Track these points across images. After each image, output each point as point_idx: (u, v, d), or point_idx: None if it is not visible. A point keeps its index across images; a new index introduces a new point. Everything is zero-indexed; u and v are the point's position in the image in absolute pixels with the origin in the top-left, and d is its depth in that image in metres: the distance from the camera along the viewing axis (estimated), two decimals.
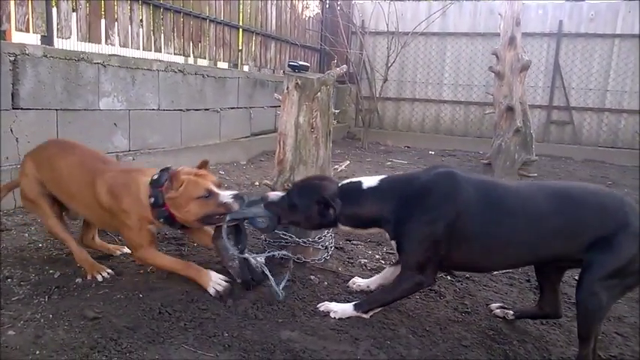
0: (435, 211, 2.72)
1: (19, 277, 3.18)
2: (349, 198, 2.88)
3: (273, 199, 2.99)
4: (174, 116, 6.83)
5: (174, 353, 2.43)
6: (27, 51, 4.67)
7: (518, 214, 2.68)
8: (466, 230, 2.70)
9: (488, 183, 2.86)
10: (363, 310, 2.95)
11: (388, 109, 12.67)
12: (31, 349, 2.39)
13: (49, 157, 3.40)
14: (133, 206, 3.10)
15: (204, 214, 3.00)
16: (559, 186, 2.86)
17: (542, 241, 2.66)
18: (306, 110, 3.49)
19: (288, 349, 2.53)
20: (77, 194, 3.29)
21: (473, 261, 2.85)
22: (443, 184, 2.78)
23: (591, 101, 11.20)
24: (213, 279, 3.08)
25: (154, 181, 3.07)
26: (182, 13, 7.23)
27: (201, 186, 3.00)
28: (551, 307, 2.98)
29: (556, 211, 2.64)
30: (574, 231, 2.61)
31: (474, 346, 2.74)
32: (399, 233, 2.82)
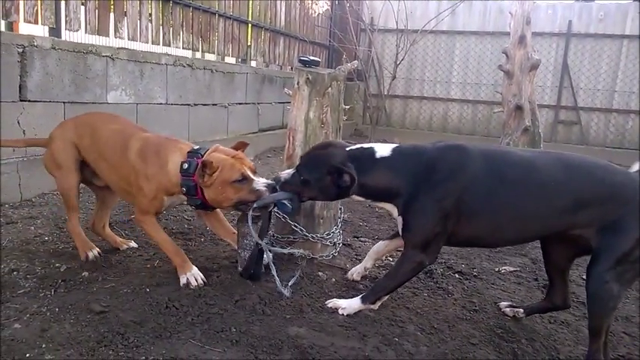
0: (443, 187, 2.67)
1: (25, 270, 3.17)
2: (362, 165, 2.76)
3: (286, 178, 2.91)
4: (182, 111, 6.81)
5: (181, 348, 2.41)
6: (35, 43, 4.65)
7: (527, 183, 2.64)
8: (475, 203, 2.66)
9: (498, 153, 2.81)
10: (371, 301, 2.93)
11: (396, 106, 12.64)
12: (37, 342, 2.38)
13: (91, 123, 3.42)
14: (156, 175, 3.09)
15: (238, 200, 2.98)
16: (572, 156, 2.79)
17: (551, 211, 2.62)
18: (316, 106, 3.46)
19: (296, 346, 2.51)
20: (109, 156, 3.28)
21: (481, 235, 2.81)
22: (451, 158, 2.72)
23: (599, 102, 11.15)
24: (192, 271, 3.09)
25: (184, 170, 3.01)
26: (191, 7, 7.20)
27: (237, 169, 2.97)
28: (560, 298, 2.96)
29: (567, 181, 2.59)
30: (583, 201, 2.57)
31: (483, 344, 2.72)
32: (407, 209, 2.75)
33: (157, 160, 3.10)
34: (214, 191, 2.97)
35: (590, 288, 2.53)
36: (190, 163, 3.00)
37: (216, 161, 2.95)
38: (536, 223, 2.70)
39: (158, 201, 3.15)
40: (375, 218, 5.15)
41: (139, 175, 3.12)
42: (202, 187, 2.98)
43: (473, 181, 2.66)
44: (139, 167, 3.12)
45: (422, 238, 2.75)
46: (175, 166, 3.05)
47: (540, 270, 3.90)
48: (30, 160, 4.63)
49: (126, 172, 3.20)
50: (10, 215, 4.19)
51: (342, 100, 3.62)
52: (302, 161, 2.93)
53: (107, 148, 3.28)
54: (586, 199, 2.57)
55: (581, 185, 2.60)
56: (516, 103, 6.69)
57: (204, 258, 3.56)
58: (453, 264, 3.88)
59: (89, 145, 3.35)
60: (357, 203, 5.55)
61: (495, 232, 2.77)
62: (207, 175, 2.93)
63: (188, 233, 4.09)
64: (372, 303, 2.94)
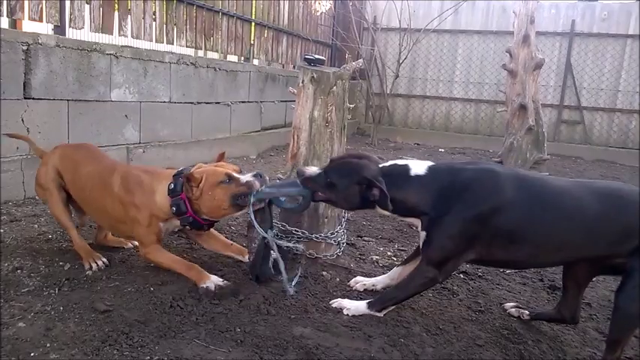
0: (471, 209, 2.64)
1: (29, 268, 3.16)
2: (394, 182, 2.73)
3: (311, 175, 2.87)
4: (185, 109, 6.80)
5: (185, 348, 2.39)
6: (40, 40, 4.65)
7: (563, 214, 2.60)
8: (508, 228, 2.63)
9: (531, 179, 2.77)
10: (377, 309, 2.90)
11: (398, 105, 12.63)
12: (41, 341, 2.37)
13: (75, 160, 3.44)
14: (145, 202, 3.11)
15: (230, 196, 2.99)
16: (606, 185, 2.77)
17: (588, 240, 2.59)
18: (321, 104, 3.45)
19: (301, 346, 2.50)
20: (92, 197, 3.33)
21: (517, 258, 2.77)
22: (483, 182, 2.70)
23: (602, 101, 11.14)
24: (212, 279, 3.02)
25: (172, 190, 3.07)
26: (195, 6, 7.20)
27: (219, 172, 3.03)
28: (570, 312, 2.91)
29: (605, 211, 2.56)
30: (621, 232, 2.53)
31: (489, 346, 2.70)
32: (432, 225, 2.72)
33: (142, 190, 3.14)
34: (207, 199, 3.01)
35: (619, 302, 2.49)
36: (176, 182, 3.08)
37: (198, 173, 3.03)
38: (570, 251, 2.67)
39: (154, 227, 3.15)
40: (379, 218, 5.12)
41: (128, 207, 3.14)
42: (194, 201, 3.03)
43: (506, 207, 2.63)
44: (126, 199, 3.14)
45: (441, 256, 2.73)
46: (162, 193, 3.10)
47: (545, 270, 3.89)
48: (33, 158, 4.61)
49: (114, 209, 3.23)
50: (14, 213, 4.19)
51: (347, 99, 3.60)
52: (333, 164, 2.91)
53: (89, 188, 3.33)
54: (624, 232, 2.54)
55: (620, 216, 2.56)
56: (520, 102, 6.69)
57: (208, 257, 3.54)
58: None
59: (70, 182, 3.41)
60: None
61: (532, 257, 2.75)
62: (194, 187, 3.00)
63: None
64: (378, 311, 2.91)
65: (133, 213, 3.12)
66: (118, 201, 3.17)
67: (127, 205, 3.14)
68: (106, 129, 5.51)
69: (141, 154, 5.88)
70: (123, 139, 5.77)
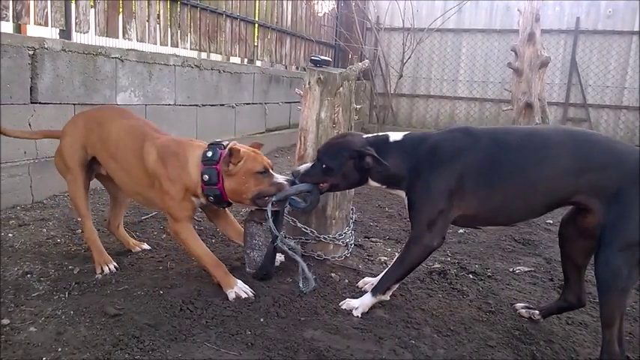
0: (445, 164, 2.72)
1: (39, 272, 3.16)
2: (378, 150, 2.85)
3: (306, 170, 2.99)
4: (190, 111, 6.80)
5: (196, 351, 2.39)
6: (46, 45, 4.66)
7: (530, 148, 2.65)
8: (481, 177, 2.68)
9: (501, 129, 2.89)
10: (381, 292, 2.93)
11: (402, 105, 12.60)
12: (52, 345, 2.37)
13: (99, 118, 3.33)
14: (180, 176, 3.02)
15: (258, 191, 2.98)
16: (573, 127, 2.80)
17: (554, 173, 2.60)
18: (327, 106, 3.45)
19: (312, 348, 2.49)
20: (121, 158, 3.21)
21: (492, 211, 2.79)
22: (454, 138, 2.80)
23: (608, 99, 11.07)
24: (238, 285, 3.01)
25: (207, 159, 2.99)
26: (199, 8, 7.20)
27: (259, 161, 3.00)
28: (575, 296, 2.92)
29: (568, 144, 2.59)
30: (585, 164, 2.54)
31: (500, 347, 2.69)
32: (411, 188, 2.83)
33: (178, 162, 3.04)
34: (237, 181, 2.96)
35: (598, 272, 2.45)
36: (215, 151, 3.00)
37: (241, 151, 2.97)
38: (541, 188, 2.66)
39: (188, 202, 3.07)
40: (386, 218, 5.13)
41: (162, 179, 3.04)
42: (225, 176, 2.96)
43: (475, 156, 2.69)
44: (160, 172, 3.04)
45: (426, 216, 2.76)
46: (196, 165, 3.02)
47: (555, 270, 3.87)
48: (41, 162, 4.64)
49: (140, 176, 3.14)
50: (22, 217, 4.19)
51: (354, 100, 3.60)
52: (322, 151, 3.01)
53: (118, 150, 3.21)
54: (587, 161, 2.55)
55: (582, 148, 2.58)
56: (526, 100, 6.68)
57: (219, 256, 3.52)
58: (467, 264, 3.86)
59: (97, 143, 3.27)
60: (367, 204, 5.58)
61: (506, 201, 2.74)
62: (233, 163, 2.94)
63: (199, 235, 4.06)
64: (383, 293, 2.93)
65: (167, 186, 3.03)
66: (151, 173, 3.08)
67: (161, 178, 3.04)
68: None
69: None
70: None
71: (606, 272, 2.41)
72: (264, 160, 3.02)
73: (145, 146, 3.12)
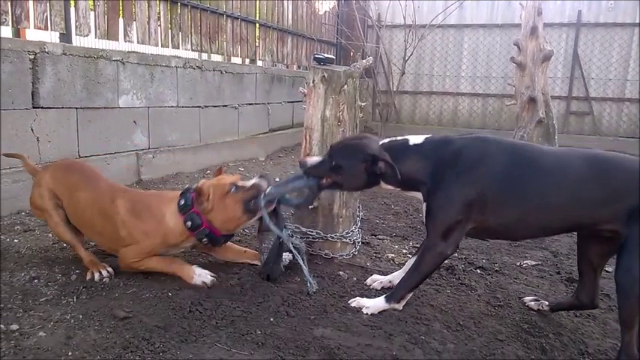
0: (468, 175, 2.69)
1: (46, 277, 3.16)
2: (396, 154, 2.81)
3: (313, 164, 2.95)
4: (192, 113, 6.80)
5: (207, 352, 2.38)
6: (46, 49, 4.66)
7: (551, 177, 2.62)
8: (499, 195, 2.66)
9: (521, 146, 2.82)
10: (396, 301, 2.91)
11: (405, 102, 12.59)
12: (63, 350, 2.36)
13: (69, 185, 3.36)
14: (157, 230, 3.11)
15: (242, 203, 3.04)
16: (595, 152, 2.76)
17: (575, 205, 2.59)
18: (332, 104, 3.43)
19: (323, 346, 2.48)
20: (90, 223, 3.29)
21: (508, 227, 2.78)
22: (478, 147, 2.75)
23: (611, 91, 11.04)
24: (197, 272, 3.11)
25: (183, 206, 3.09)
26: (199, 9, 7.19)
27: (224, 183, 3.10)
28: (589, 297, 2.90)
29: (591, 175, 2.57)
30: (609, 196, 2.53)
31: (510, 340, 2.68)
32: (430, 195, 2.79)
33: (152, 216, 3.14)
34: (219, 211, 3.07)
35: (619, 278, 2.46)
36: (186, 198, 3.11)
37: (205, 187, 3.09)
38: (559, 217, 2.66)
39: (153, 253, 3.17)
40: (392, 216, 5.12)
41: (134, 232, 3.12)
42: (207, 214, 3.07)
43: (499, 171, 2.66)
44: (133, 225, 3.12)
45: (443, 226, 2.74)
46: (173, 213, 3.11)
47: (562, 263, 3.87)
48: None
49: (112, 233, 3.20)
50: (28, 223, 4.19)
51: (358, 98, 3.58)
52: (335, 148, 2.96)
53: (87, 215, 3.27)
54: (614, 191, 2.53)
55: (608, 177, 2.56)
56: (529, 94, 6.63)
57: (223, 261, 3.53)
58: (474, 259, 3.85)
59: (66, 206, 3.34)
60: (373, 201, 5.56)
61: (521, 223, 2.74)
62: (205, 201, 3.05)
63: None
64: (397, 302, 2.91)
65: (139, 237, 3.11)
66: (123, 227, 3.13)
67: (133, 230, 3.12)
68: (115, 135, 5.51)
69: (150, 160, 5.88)
70: (132, 146, 5.77)
71: (627, 279, 2.42)
72: (227, 179, 3.14)
73: (116, 202, 3.19)
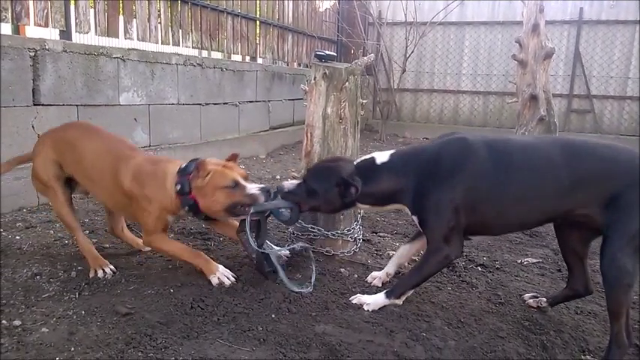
0: (450, 179, 2.70)
1: (48, 274, 3.16)
2: (365, 176, 2.85)
3: (290, 188, 2.98)
4: (193, 110, 6.80)
5: (209, 348, 2.39)
6: (47, 46, 4.66)
7: (528, 168, 2.65)
8: (482, 193, 2.68)
9: (499, 141, 2.81)
10: (396, 296, 2.92)
11: (406, 100, 12.59)
12: (65, 345, 2.37)
13: (70, 140, 3.34)
14: (157, 194, 3.10)
15: (229, 204, 3.00)
16: (571, 139, 2.79)
17: (553, 194, 2.62)
18: (334, 101, 3.43)
19: (324, 343, 2.49)
20: (98, 179, 3.27)
21: (489, 223, 2.81)
22: (454, 151, 2.76)
23: (612, 89, 11.03)
24: (220, 270, 3.10)
25: (181, 170, 3.08)
26: (199, 6, 7.19)
27: (227, 176, 3.02)
28: (581, 284, 2.94)
29: (566, 163, 2.59)
30: (585, 182, 2.56)
31: (511, 337, 2.69)
32: (418, 207, 2.80)
33: (156, 181, 3.13)
34: (205, 196, 3.02)
35: (604, 269, 2.48)
36: (189, 165, 3.09)
37: (209, 164, 3.05)
38: (539, 205, 2.69)
39: (162, 219, 3.17)
40: (393, 213, 5.11)
41: (139, 199, 3.13)
42: (196, 190, 3.03)
43: (477, 172, 2.68)
44: (137, 192, 3.13)
45: (442, 232, 2.76)
46: (172, 179, 3.10)
47: (562, 261, 3.85)
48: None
49: (118, 195, 3.22)
50: (29, 220, 4.20)
51: (360, 95, 3.58)
52: (310, 173, 3.03)
53: (94, 171, 3.27)
54: (586, 176, 2.56)
55: (580, 163, 2.59)
56: (531, 92, 6.62)
57: (225, 257, 3.54)
58: (475, 257, 3.85)
59: (71, 164, 3.32)
60: None
61: (500, 218, 2.77)
62: (201, 177, 3.00)
63: (206, 233, 4.07)
64: (397, 298, 2.92)
65: (144, 204, 3.12)
66: (127, 192, 3.15)
67: (138, 198, 3.13)
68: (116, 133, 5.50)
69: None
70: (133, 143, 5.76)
71: (612, 269, 2.45)
72: (233, 174, 3.04)
73: (122, 168, 3.19)
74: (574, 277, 2.96)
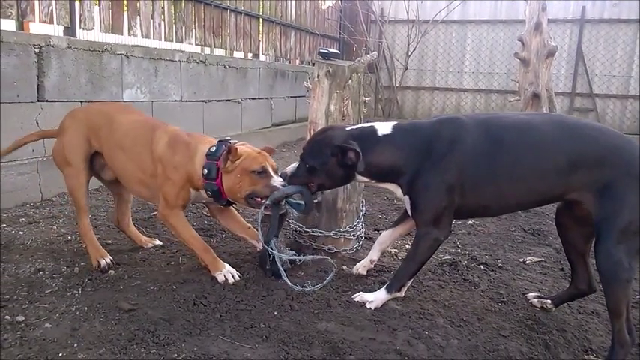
0: (444, 160, 2.66)
1: (51, 269, 3.17)
2: (364, 145, 2.73)
3: (292, 172, 2.92)
4: (196, 107, 6.81)
5: (212, 345, 2.40)
6: (52, 42, 4.67)
7: (523, 145, 2.62)
8: (477, 173, 2.65)
9: (492, 119, 2.79)
10: (396, 289, 2.92)
11: (408, 98, 12.58)
12: (68, 341, 2.37)
13: (108, 112, 3.37)
14: (186, 165, 3.09)
15: (252, 191, 2.99)
16: (567, 117, 2.77)
17: (546, 171, 2.59)
18: (337, 98, 3.44)
19: (327, 340, 2.49)
20: (130, 147, 3.24)
21: (486, 204, 2.78)
22: (447, 131, 2.71)
23: (615, 88, 11.03)
24: (226, 267, 3.10)
25: (210, 154, 3.05)
26: (203, 4, 7.20)
27: (258, 161, 3.01)
28: (585, 282, 2.92)
29: (560, 140, 2.57)
30: (578, 161, 2.52)
31: (514, 336, 2.68)
32: (411, 188, 2.75)
33: (187, 152, 3.11)
34: (232, 178, 2.99)
35: (600, 265, 2.44)
36: (218, 147, 3.06)
37: (241, 150, 3.02)
38: (534, 185, 2.65)
39: (186, 192, 3.13)
40: (394, 211, 5.12)
41: (166, 166, 3.11)
42: (224, 172, 3.01)
43: (471, 152, 2.65)
44: (167, 158, 3.11)
45: (432, 215, 2.74)
46: (201, 158, 3.07)
47: (565, 260, 3.84)
48: (49, 160, 4.61)
49: (146, 164, 3.19)
50: (32, 215, 4.21)
51: (362, 92, 3.59)
52: (305, 150, 2.93)
53: (127, 139, 3.25)
54: (580, 158, 2.53)
55: (574, 144, 2.56)
56: (533, 90, 6.65)
57: (227, 254, 3.54)
58: (477, 255, 3.85)
59: (105, 136, 3.28)
60: (376, 196, 5.57)
61: (498, 198, 2.74)
62: (230, 161, 2.98)
63: (209, 229, 4.08)
64: (398, 290, 2.93)
65: (170, 172, 3.10)
66: (157, 159, 3.15)
67: (166, 165, 3.11)
68: None
69: None
70: None
71: (608, 265, 2.41)
72: (264, 161, 3.03)
73: (157, 133, 3.20)
74: (577, 276, 2.94)
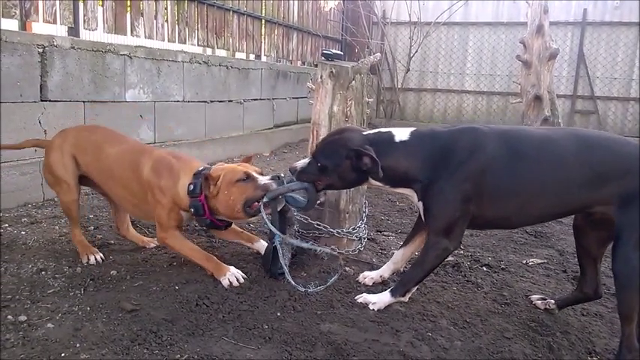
0: (462, 169, 2.63)
1: (53, 269, 3.17)
2: (380, 149, 2.70)
3: (302, 167, 2.86)
4: (198, 108, 6.81)
5: (214, 346, 2.39)
6: (55, 42, 4.66)
7: (542, 161, 2.60)
8: (497, 184, 2.63)
9: (513, 132, 2.76)
10: (401, 294, 2.91)
11: (410, 99, 12.58)
12: (71, 341, 2.37)
13: (95, 142, 3.39)
14: (170, 189, 3.13)
15: (245, 199, 2.99)
16: (588, 131, 2.75)
17: (567, 187, 2.58)
18: (340, 99, 3.43)
19: (330, 342, 2.48)
20: (118, 177, 3.30)
21: (507, 215, 2.76)
22: (467, 140, 2.68)
23: (616, 90, 11.02)
24: (231, 271, 3.08)
25: (190, 192, 3.09)
26: (206, 4, 7.20)
27: (238, 170, 3.04)
28: (592, 288, 2.91)
29: (584, 155, 2.55)
30: (602, 175, 2.52)
31: (517, 338, 2.68)
32: (426, 195, 2.72)
33: (171, 176, 3.16)
34: (222, 197, 3.02)
35: (616, 269, 2.44)
36: (195, 183, 3.09)
37: (216, 171, 3.07)
38: (559, 197, 2.64)
39: (176, 213, 3.18)
40: (397, 212, 5.12)
41: (153, 189, 3.16)
42: (211, 198, 3.04)
43: (491, 162, 2.62)
44: (153, 182, 3.16)
45: (445, 223, 2.72)
46: (184, 187, 3.12)
47: (568, 262, 3.87)
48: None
49: (136, 189, 3.25)
50: (34, 215, 4.20)
51: (365, 93, 3.58)
52: (318, 148, 2.89)
53: (116, 167, 3.30)
54: (605, 172, 2.52)
55: (599, 159, 2.55)
56: (535, 93, 6.65)
57: (230, 255, 3.54)
58: (480, 257, 3.85)
59: (93, 163, 3.35)
60: (378, 197, 5.56)
61: (520, 209, 2.72)
62: (212, 185, 3.01)
63: None
64: (402, 295, 2.92)
65: (158, 196, 3.15)
66: (145, 183, 3.19)
67: (153, 188, 3.16)
68: (122, 129, 5.42)
69: None
70: (138, 139, 5.76)
71: (625, 270, 2.41)
72: (245, 168, 3.07)
73: (143, 159, 3.25)
74: (585, 280, 2.93)
